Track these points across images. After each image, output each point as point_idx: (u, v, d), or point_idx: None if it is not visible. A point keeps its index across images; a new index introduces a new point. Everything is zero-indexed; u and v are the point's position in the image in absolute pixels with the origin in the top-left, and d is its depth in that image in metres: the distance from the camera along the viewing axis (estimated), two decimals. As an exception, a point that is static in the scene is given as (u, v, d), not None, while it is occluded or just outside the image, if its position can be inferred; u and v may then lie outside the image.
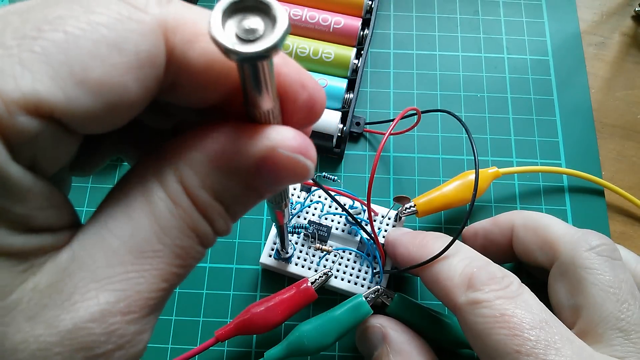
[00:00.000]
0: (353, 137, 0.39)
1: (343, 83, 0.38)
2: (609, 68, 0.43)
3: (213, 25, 0.12)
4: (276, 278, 0.34)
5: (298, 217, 0.34)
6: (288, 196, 0.23)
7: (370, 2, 0.42)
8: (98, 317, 0.13)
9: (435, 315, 0.30)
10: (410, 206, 0.33)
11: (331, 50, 0.39)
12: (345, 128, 0.37)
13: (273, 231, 0.33)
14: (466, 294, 0.23)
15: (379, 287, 0.30)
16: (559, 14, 0.45)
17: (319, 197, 0.34)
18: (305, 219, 0.34)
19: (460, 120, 0.31)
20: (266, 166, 0.14)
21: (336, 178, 0.35)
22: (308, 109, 0.15)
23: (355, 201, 0.34)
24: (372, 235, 0.31)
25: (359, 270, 0.33)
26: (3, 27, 0.12)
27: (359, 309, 0.28)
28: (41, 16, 0.12)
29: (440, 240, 0.27)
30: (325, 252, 0.33)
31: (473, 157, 0.28)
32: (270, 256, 0.33)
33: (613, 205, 0.38)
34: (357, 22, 0.40)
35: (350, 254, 0.33)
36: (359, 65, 0.39)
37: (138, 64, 0.13)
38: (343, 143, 0.38)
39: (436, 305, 0.33)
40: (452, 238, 0.26)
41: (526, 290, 0.23)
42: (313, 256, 0.33)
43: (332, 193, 0.33)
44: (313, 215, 0.34)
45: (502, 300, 0.22)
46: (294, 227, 0.33)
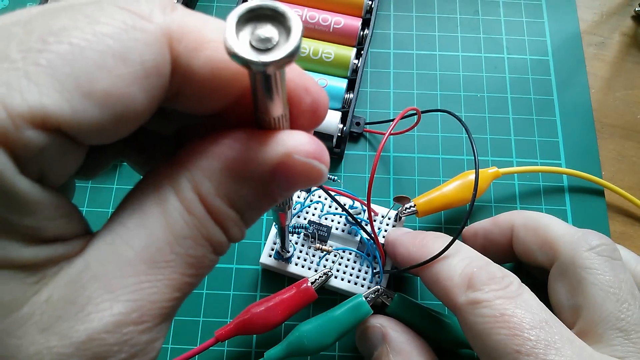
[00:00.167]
0: (353, 137, 0.39)
1: (343, 83, 0.38)
2: (609, 68, 0.43)
3: (228, 34, 0.12)
4: (276, 278, 0.34)
5: (298, 217, 0.34)
6: (292, 199, 0.23)
7: (370, 2, 0.42)
8: (112, 328, 0.13)
9: (435, 315, 0.30)
10: (410, 206, 0.33)
11: (331, 50, 0.39)
12: (345, 128, 0.37)
13: (273, 231, 0.33)
14: (466, 294, 0.23)
15: (379, 287, 0.30)
16: (559, 14, 0.45)
17: (319, 197, 0.34)
18: (305, 219, 0.34)
19: (460, 120, 0.31)
20: (281, 172, 0.14)
21: (336, 178, 0.35)
22: (312, 113, 0.15)
23: (355, 201, 0.34)
24: (372, 235, 0.31)
25: (359, 270, 0.33)
26: (7, 40, 0.12)
27: (359, 309, 0.28)
28: (45, 27, 0.12)
29: (440, 240, 0.27)
30: (325, 252, 0.33)
31: (473, 157, 0.28)
32: (270, 256, 0.33)
33: (613, 205, 0.38)
34: (357, 22, 0.40)
35: (350, 254, 0.33)
36: (359, 65, 0.39)
37: (144, 74, 0.12)
38: (343, 143, 0.38)
39: (436, 305, 0.33)
40: (452, 238, 0.26)
41: (526, 290, 0.23)
42: (313, 256, 0.33)
43: (332, 193, 0.33)
44: (313, 215, 0.34)
45: (502, 300, 0.22)
46: (294, 227, 0.33)
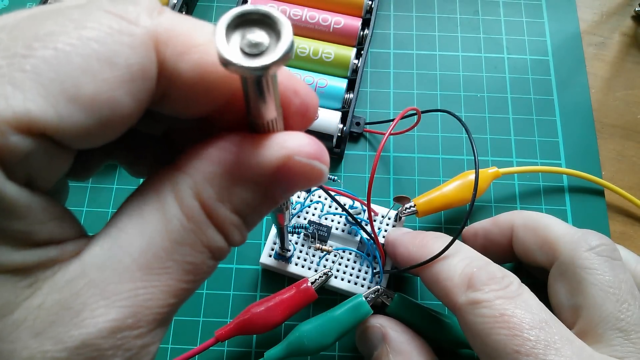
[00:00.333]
0: (353, 137, 0.39)
1: (343, 83, 0.38)
2: (609, 68, 0.43)
3: (218, 40, 0.12)
4: (276, 278, 0.34)
5: (298, 217, 0.34)
6: (290, 199, 0.23)
7: (370, 2, 0.42)
8: (106, 334, 0.13)
9: (435, 315, 0.30)
10: (410, 206, 0.33)
11: (331, 50, 0.39)
12: (345, 128, 0.37)
13: (273, 231, 0.33)
14: (466, 294, 0.23)
15: (379, 287, 0.30)
16: (559, 14, 0.45)
17: (319, 197, 0.34)
18: (305, 219, 0.34)
19: (460, 120, 0.31)
20: (283, 174, 0.14)
21: (336, 178, 0.35)
22: (301, 115, 0.16)
23: (355, 201, 0.34)
24: (372, 235, 0.31)
25: (359, 270, 0.33)
26: None
27: (359, 309, 0.28)
28: (31, 33, 0.12)
29: (440, 240, 0.27)
30: (325, 252, 0.33)
31: (473, 157, 0.28)
32: (270, 256, 0.33)
33: (613, 205, 0.38)
34: (357, 22, 0.40)
35: (350, 254, 0.33)
36: (359, 65, 0.39)
37: (130, 78, 0.12)
38: (343, 143, 0.38)
39: (436, 305, 0.33)
40: (452, 238, 0.26)
41: (526, 290, 0.23)
42: (313, 256, 0.33)
43: (332, 193, 0.33)
44: (313, 215, 0.34)
45: (502, 300, 0.22)
46: (294, 227, 0.33)
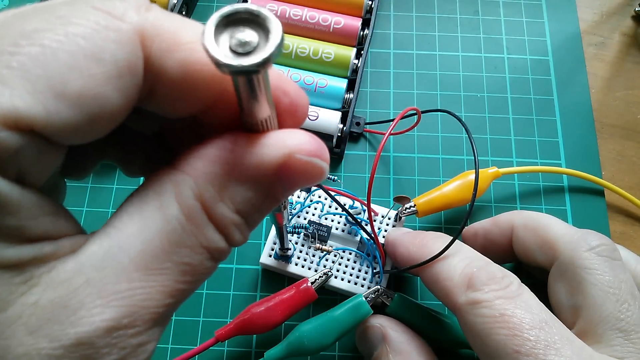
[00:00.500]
0: (353, 137, 0.39)
1: (343, 83, 0.38)
2: (609, 68, 0.43)
3: (207, 40, 0.12)
4: (276, 278, 0.34)
5: (298, 217, 0.34)
6: (289, 198, 0.23)
7: (370, 2, 0.42)
8: (102, 333, 0.13)
9: (435, 315, 0.30)
10: (410, 206, 0.33)
11: (331, 50, 0.39)
12: (345, 128, 0.37)
13: (273, 231, 0.33)
14: (466, 294, 0.23)
15: (379, 287, 0.30)
16: (559, 14, 0.45)
17: (319, 197, 0.34)
18: (305, 219, 0.34)
19: (460, 120, 0.31)
20: (285, 172, 0.14)
21: (336, 178, 0.35)
22: (291, 114, 0.16)
23: (355, 201, 0.34)
24: (372, 235, 0.31)
25: (359, 270, 0.33)
26: None
27: (359, 309, 0.28)
28: (18, 30, 0.12)
29: (440, 240, 0.27)
30: (325, 252, 0.33)
31: (473, 157, 0.28)
32: (270, 256, 0.33)
33: (613, 205, 0.38)
34: (357, 22, 0.40)
35: (350, 254, 0.33)
36: (359, 65, 0.39)
37: (117, 73, 0.13)
38: (343, 143, 0.38)
39: (436, 305, 0.33)
40: (452, 238, 0.26)
41: (526, 290, 0.23)
42: (313, 256, 0.33)
43: (332, 193, 0.33)
44: (313, 215, 0.34)
45: (502, 300, 0.22)
46: (294, 227, 0.33)
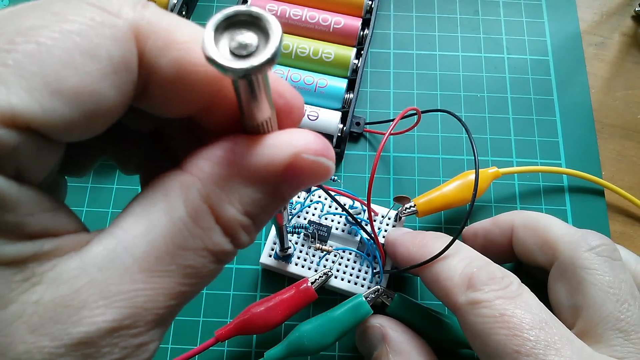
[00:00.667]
0: (353, 137, 0.39)
1: (343, 83, 0.38)
2: (609, 68, 0.43)
3: (207, 43, 0.12)
4: (276, 278, 0.34)
5: (298, 217, 0.34)
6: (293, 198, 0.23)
7: (370, 2, 0.42)
8: (103, 334, 0.13)
9: (435, 315, 0.30)
10: (410, 206, 0.33)
11: (331, 50, 0.39)
12: (345, 128, 0.37)
13: (273, 231, 0.33)
14: (466, 294, 0.23)
15: (379, 287, 0.30)
16: (559, 14, 0.45)
17: (319, 197, 0.34)
18: (305, 219, 0.34)
19: (460, 120, 0.31)
20: (291, 172, 0.14)
21: (336, 178, 0.35)
22: (287, 115, 0.16)
23: (355, 201, 0.34)
24: (372, 235, 0.31)
25: (359, 270, 0.33)
26: None
27: (359, 309, 0.28)
28: (14, 28, 0.12)
29: (440, 240, 0.27)
30: (325, 252, 0.33)
31: (473, 157, 0.28)
32: (270, 256, 0.33)
33: (613, 205, 0.38)
34: (357, 22, 0.40)
35: (350, 254, 0.33)
36: (359, 65, 0.39)
37: (113, 70, 0.13)
38: (343, 143, 0.38)
39: (436, 305, 0.33)
40: (452, 238, 0.26)
41: (526, 290, 0.23)
42: (313, 256, 0.33)
43: (332, 193, 0.33)
44: (313, 215, 0.34)
45: (502, 300, 0.22)
46: (294, 227, 0.33)
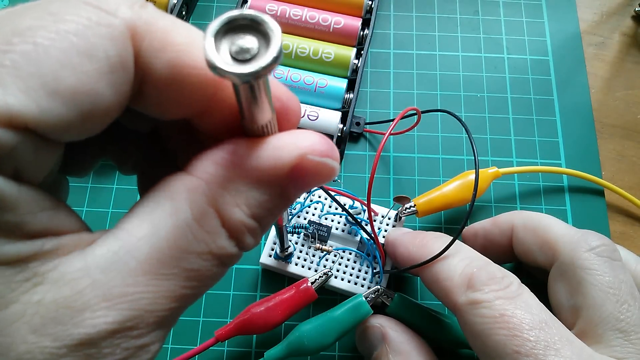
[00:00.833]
0: (353, 137, 0.39)
1: (343, 83, 0.38)
2: (609, 68, 0.43)
3: (208, 47, 0.12)
4: (276, 278, 0.34)
5: (298, 217, 0.34)
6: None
7: (370, 2, 0.42)
8: (106, 335, 0.13)
9: (435, 315, 0.30)
10: (410, 206, 0.33)
11: (331, 50, 0.39)
12: (345, 128, 0.37)
13: (273, 231, 0.33)
14: (466, 294, 0.23)
15: (379, 287, 0.30)
16: (559, 14, 0.45)
17: (319, 197, 0.34)
18: (305, 219, 0.34)
19: (460, 120, 0.31)
20: (298, 173, 0.14)
21: (336, 178, 0.35)
22: (284, 117, 0.16)
23: (355, 201, 0.34)
24: (372, 235, 0.31)
25: (359, 270, 0.33)
26: None
27: (359, 309, 0.28)
28: (11, 28, 0.12)
29: (440, 240, 0.27)
30: (325, 252, 0.33)
31: (473, 157, 0.28)
32: (270, 256, 0.33)
33: (613, 205, 0.38)
34: (357, 22, 0.40)
35: (350, 254, 0.33)
36: (359, 65, 0.39)
37: (109, 69, 0.13)
38: (343, 143, 0.38)
39: (436, 305, 0.33)
40: (452, 238, 0.26)
41: (526, 290, 0.23)
42: (313, 256, 0.33)
43: (332, 193, 0.33)
44: (313, 215, 0.34)
45: (502, 300, 0.22)
46: (294, 227, 0.33)
